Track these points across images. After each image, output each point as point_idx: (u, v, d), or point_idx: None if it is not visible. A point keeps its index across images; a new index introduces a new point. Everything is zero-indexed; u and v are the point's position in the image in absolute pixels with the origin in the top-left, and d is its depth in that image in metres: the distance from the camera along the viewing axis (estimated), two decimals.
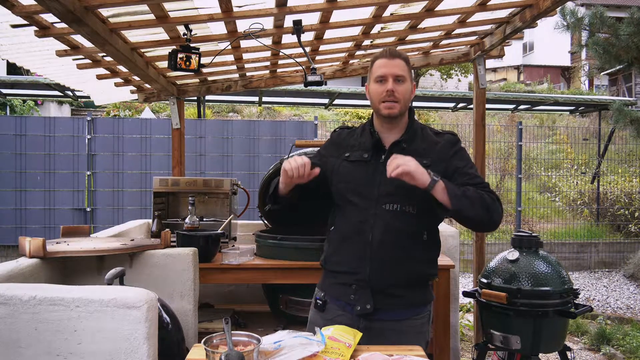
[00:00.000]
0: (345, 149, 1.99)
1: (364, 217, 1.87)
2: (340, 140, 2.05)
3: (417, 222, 1.87)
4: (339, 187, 1.96)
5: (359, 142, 1.98)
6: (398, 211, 1.85)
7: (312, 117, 11.99)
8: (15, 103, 10.74)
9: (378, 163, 1.90)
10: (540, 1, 2.87)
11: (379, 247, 1.85)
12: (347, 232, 1.91)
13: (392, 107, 1.87)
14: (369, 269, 1.85)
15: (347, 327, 1.76)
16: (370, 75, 1.95)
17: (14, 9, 2.23)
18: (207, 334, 1.59)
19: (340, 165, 1.97)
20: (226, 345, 1.47)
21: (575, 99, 10.46)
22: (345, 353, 1.59)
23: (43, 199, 7.09)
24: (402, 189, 1.81)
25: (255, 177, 7.11)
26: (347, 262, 1.90)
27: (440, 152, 1.91)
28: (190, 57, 2.88)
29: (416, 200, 1.85)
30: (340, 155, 1.99)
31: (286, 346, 1.55)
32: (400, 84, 1.87)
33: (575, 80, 23.90)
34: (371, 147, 1.94)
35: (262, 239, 3.18)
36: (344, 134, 2.08)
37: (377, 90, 1.89)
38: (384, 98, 1.87)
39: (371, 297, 1.86)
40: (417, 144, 1.92)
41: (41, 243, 2.24)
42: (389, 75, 1.86)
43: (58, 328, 1.70)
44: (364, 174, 1.91)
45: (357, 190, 1.91)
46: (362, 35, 3.34)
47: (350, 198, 1.92)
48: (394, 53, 1.90)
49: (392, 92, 1.85)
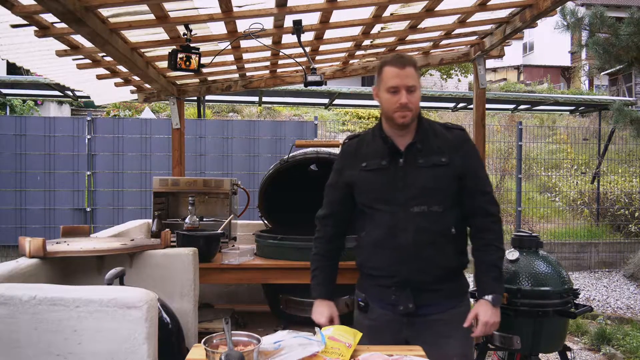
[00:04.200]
0: (360, 159, 2.00)
1: (394, 221, 1.91)
2: (352, 151, 2.07)
3: (444, 219, 1.92)
4: (363, 197, 2.00)
5: (373, 149, 2.00)
6: (426, 212, 1.90)
7: (312, 117, 11.99)
8: (15, 103, 10.74)
9: (397, 167, 1.93)
10: (540, 1, 2.87)
11: (413, 248, 1.89)
12: (380, 237, 1.95)
13: (406, 116, 1.89)
14: (406, 271, 1.91)
15: (347, 327, 1.76)
16: (380, 82, 1.95)
17: (14, 9, 2.23)
18: (207, 334, 1.59)
19: (360, 175, 1.99)
20: (226, 345, 1.47)
21: (575, 99, 10.46)
22: (345, 353, 1.58)
23: (43, 199, 7.09)
24: (427, 190, 1.90)
25: (255, 177, 7.10)
26: (383, 266, 1.95)
27: (454, 148, 1.95)
28: (190, 57, 2.88)
29: (441, 199, 1.92)
30: (356, 166, 2.00)
31: (286, 346, 1.55)
32: (413, 94, 1.89)
33: (575, 80, 23.90)
34: (387, 153, 1.95)
35: (262, 239, 3.18)
36: (354, 143, 2.09)
37: (389, 100, 1.90)
38: (397, 109, 1.89)
39: (412, 296, 1.92)
40: (431, 142, 1.95)
41: (41, 243, 2.24)
42: (401, 87, 1.88)
43: (58, 328, 1.70)
44: (385, 180, 1.94)
45: (382, 198, 1.94)
46: (362, 35, 3.34)
47: (377, 206, 1.95)
48: (405, 61, 1.90)
49: (406, 105, 1.87)
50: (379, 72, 1.96)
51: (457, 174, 1.93)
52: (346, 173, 2.04)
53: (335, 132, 12.75)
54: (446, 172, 1.92)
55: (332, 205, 2.12)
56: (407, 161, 1.93)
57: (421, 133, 1.97)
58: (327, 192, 2.15)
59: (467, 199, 1.97)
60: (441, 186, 1.92)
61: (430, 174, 1.91)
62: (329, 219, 2.13)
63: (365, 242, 2.01)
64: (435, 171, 1.91)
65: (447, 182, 1.93)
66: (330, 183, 2.13)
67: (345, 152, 2.11)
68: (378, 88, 1.97)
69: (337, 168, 2.12)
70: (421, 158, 1.92)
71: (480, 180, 2.00)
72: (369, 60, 4.09)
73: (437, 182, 1.91)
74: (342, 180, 2.06)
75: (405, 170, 1.92)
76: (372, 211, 1.97)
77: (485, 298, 1.93)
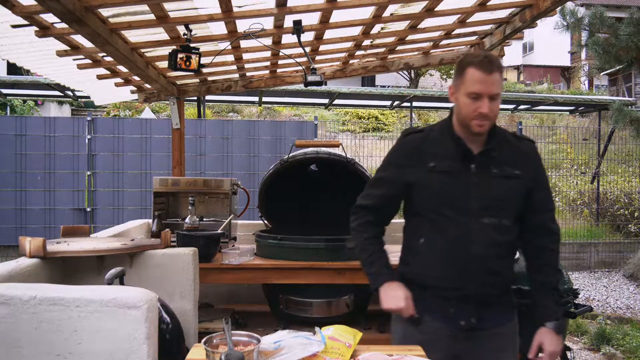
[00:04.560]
0: (427, 158, 1.84)
1: (462, 231, 1.79)
2: (416, 147, 1.88)
3: (512, 233, 1.85)
4: (428, 200, 1.85)
5: (442, 149, 1.85)
6: (497, 224, 1.80)
7: (312, 117, 11.99)
8: (16, 103, 10.74)
9: (469, 173, 1.81)
10: (540, 1, 2.87)
11: (482, 261, 1.79)
12: (444, 246, 1.82)
13: (484, 125, 1.76)
14: (473, 284, 1.80)
15: (347, 327, 1.76)
16: (460, 83, 1.78)
17: (14, 9, 2.23)
18: (207, 334, 1.59)
19: (427, 176, 1.83)
20: (226, 345, 1.47)
21: (575, 99, 10.46)
22: (345, 353, 1.59)
23: (43, 199, 7.09)
24: (500, 201, 1.81)
25: (255, 177, 7.11)
26: (446, 277, 1.82)
27: (527, 161, 1.87)
28: (190, 57, 2.88)
29: (511, 213, 1.84)
30: (422, 165, 1.84)
31: (286, 346, 1.55)
32: (495, 102, 1.75)
33: (575, 80, 23.92)
34: (460, 156, 1.82)
35: (262, 239, 3.18)
36: (418, 139, 1.90)
37: (469, 106, 1.75)
38: (476, 117, 1.75)
39: (475, 310, 1.82)
40: (505, 152, 1.84)
41: (41, 243, 2.24)
42: (484, 95, 1.73)
43: (58, 328, 1.70)
44: (456, 185, 1.81)
45: (451, 204, 1.81)
46: (362, 35, 3.34)
47: (444, 212, 1.81)
48: (492, 66, 1.73)
49: (486, 115, 1.74)
50: (461, 71, 1.78)
51: (527, 188, 1.84)
52: (408, 170, 1.86)
53: (335, 132, 12.76)
54: (518, 185, 1.82)
55: (379, 199, 1.94)
56: (480, 168, 1.81)
57: (496, 139, 1.84)
58: (376, 184, 1.97)
59: (530, 215, 1.88)
60: (512, 199, 1.83)
61: (503, 185, 1.81)
62: (372, 212, 1.95)
63: (423, 250, 1.86)
64: (508, 183, 1.81)
65: (518, 195, 1.83)
66: (383, 177, 1.94)
67: (408, 146, 1.91)
68: (456, 89, 1.80)
69: (395, 162, 1.93)
70: (495, 167, 1.81)
71: (546, 196, 1.92)
72: (369, 60, 4.09)
73: (509, 195, 1.82)
74: (401, 177, 1.88)
75: (478, 177, 1.80)
76: (436, 217, 1.83)
77: (548, 326, 1.85)
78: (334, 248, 3.01)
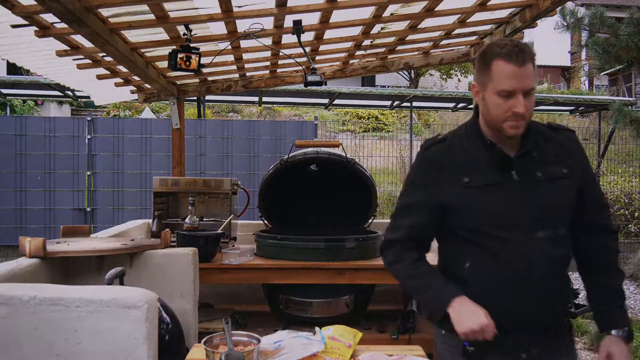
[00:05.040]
0: (458, 172, 1.59)
1: (515, 251, 1.53)
2: (442, 161, 1.62)
3: (569, 242, 1.61)
4: (469, 221, 1.59)
5: (473, 159, 1.59)
6: (553, 236, 1.55)
7: (312, 117, 11.99)
8: (15, 103, 10.74)
9: (512, 183, 1.55)
10: (540, 1, 2.87)
11: (540, 282, 1.54)
12: (495, 270, 1.56)
13: (519, 126, 1.51)
14: (532, 309, 1.55)
15: (347, 327, 1.76)
16: (486, 79, 1.52)
17: (14, 9, 2.23)
18: (207, 334, 1.59)
19: (462, 194, 1.57)
20: (226, 345, 1.48)
21: (575, 99, 10.46)
22: (345, 353, 1.59)
23: (43, 199, 7.09)
24: (552, 208, 1.56)
25: (255, 177, 7.10)
26: (501, 305, 1.54)
27: (572, 156, 1.63)
28: (190, 57, 2.88)
29: (566, 219, 1.60)
30: (454, 182, 1.58)
31: (286, 346, 1.55)
32: (529, 98, 1.50)
33: (575, 80, 23.91)
34: (498, 165, 1.57)
35: (262, 239, 3.19)
36: (442, 151, 1.64)
37: (499, 106, 1.50)
38: (509, 118, 1.49)
39: (535, 339, 1.58)
40: (545, 149, 1.60)
41: (41, 243, 2.24)
42: (518, 91, 1.47)
43: (58, 328, 1.70)
44: (499, 199, 1.55)
45: (498, 223, 1.55)
46: (362, 35, 3.34)
47: (491, 232, 1.55)
48: (525, 56, 1.47)
49: (522, 115, 1.48)
50: (486, 64, 1.51)
51: (578, 186, 1.60)
52: (437, 190, 1.60)
53: (335, 132, 12.76)
54: (568, 185, 1.58)
55: (411, 230, 1.66)
56: (523, 174, 1.56)
57: (532, 138, 1.59)
58: (403, 213, 1.69)
59: (585, 215, 1.63)
60: (566, 203, 1.58)
61: (552, 189, 1.56)
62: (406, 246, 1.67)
63: (470, 278, 1.59)
64: (557, 185, 1.56)
65: (570, 197, 1.59)
66: (410, 203, 1.68)
67: (432, 162, 1.64)
68: (482, 87, 1.55)
69: (420, 183, 1.66)
70: (538, 170, 1.56)
71: (598, 191, 1.69)
72: (369, 60, 4.09)
73: (561, 199, 1.57)
74: (432, 199, 1.61)
75: (522, 185, 1.55)
76: (480, 238, 1.57)
77: (615, 334, 1.60)
78: (334, 248, 3.01)
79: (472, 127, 1.64)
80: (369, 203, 3.44)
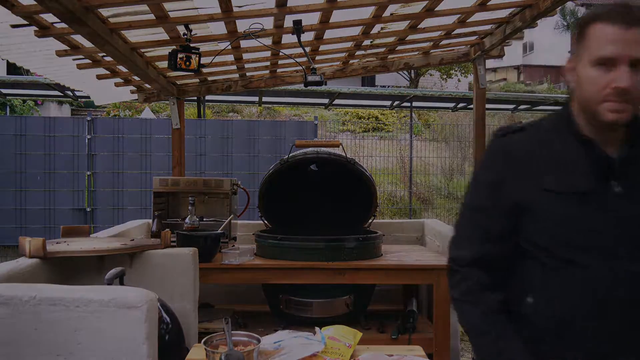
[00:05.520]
0: (538, 169, 1.23)
1: (600, 284, 1.16)
2: (520, 153, 1.26)
3: None
4: (543, 234, 1.22)
5: (563, 158, 1.22)
6: None
7: (312, 117, 12.00)
8: (15, 103, 10.74)
9: (611, 194, 1.18)
10: (540, 1, 2.87)
11: (632, 329, 1.18)
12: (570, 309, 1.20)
13: (623, 110, 1.13)
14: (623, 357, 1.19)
15: (347, 327, 1.76)
16: (582, 49, 1.18)
17: (14, 9, 2.23)
18: (207, 334, 1.60)
19: (540, 198, 1.22)
20: (226, 345, 1.48)
21: None
22: (345, 353, 1.59)
23: (43, 199, 7.10)
24: None
25: (255, 177, 7.11)
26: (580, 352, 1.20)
27: None
28: (190, 57, 2.88)
29: None
30: (532, 181, 1.23)
31: (286, 346, 1.55)
32: (638, 71, 1.12)
33: None
34: (595, 169, 1.19)
35: (262, 239, 3.19)
36: (523, 141, 1.28)
37: (595, 80, 1.14)
38: (608, 96, 1.13)
39: None
40: None
41: (41, 243, 2.24)
42: (621, 60, 1.11)
43: (58, 328, 1.70)
44: (589, 216, 1.18)
45: (581, 244, 1.18)
46: (362, 35, 3.34)
47: (568, 254, 1.19)
48: (631, 18, 1.12)
49: (626, 91, 1.12)
50: (583, 31, 1.18)
51: None
52: (511, 186, 1.25)
53: (335, 132, 12.76)
54: None
55: (483, 241, 1.29)
56: (627, 185, 1.18)
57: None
58: (470, 220, 1.33)
59: None
60: None
61: None
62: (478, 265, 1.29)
63: (539, 315, 1.23)
64: None
65: None
66: (477, 206, 1.32)
67: (506, 153, 1.28)
68: (577, 60, 1.20)
69: (490, 179, 1.29)
70: None
71: None
72: (369, 60, 4.09)
73: None
74: (504, 198, 1.25)
75: (625, 200, 1.17)
76: (555, 261, 1.20)
77: None
78: (334, 248, 3.01)
79: (563, 117, 1.26)
80: (369, 203, 3.44)
